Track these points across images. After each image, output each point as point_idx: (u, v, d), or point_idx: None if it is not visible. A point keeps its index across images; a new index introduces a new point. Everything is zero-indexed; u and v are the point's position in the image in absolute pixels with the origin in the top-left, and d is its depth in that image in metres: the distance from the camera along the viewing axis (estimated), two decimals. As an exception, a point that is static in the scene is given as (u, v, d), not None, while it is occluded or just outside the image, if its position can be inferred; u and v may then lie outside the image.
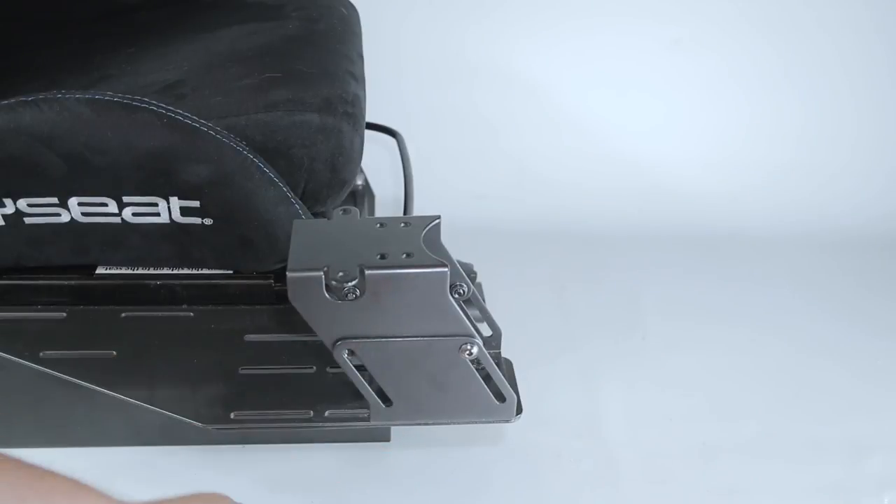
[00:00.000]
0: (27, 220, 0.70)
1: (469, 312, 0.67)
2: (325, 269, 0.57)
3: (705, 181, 1.30)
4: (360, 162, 0.80)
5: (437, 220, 0.63)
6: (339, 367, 0.62)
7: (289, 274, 0.57)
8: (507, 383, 0.67)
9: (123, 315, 0.76)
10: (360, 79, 0.87)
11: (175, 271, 0.77)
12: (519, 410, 0.68)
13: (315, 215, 0.76)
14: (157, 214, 0.70)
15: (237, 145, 0.68)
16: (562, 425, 0.87)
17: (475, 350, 0.63)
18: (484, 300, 0.75)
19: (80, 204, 0.69)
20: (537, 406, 0.75)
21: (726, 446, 0.86)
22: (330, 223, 0.64)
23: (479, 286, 0.79)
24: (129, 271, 0.77)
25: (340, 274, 0.57)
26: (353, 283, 0.57)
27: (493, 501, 0.78)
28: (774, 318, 1.07)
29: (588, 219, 1.24)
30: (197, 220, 0.71)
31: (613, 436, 0.86)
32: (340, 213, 0.64)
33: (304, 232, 0.61)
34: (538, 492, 0.79)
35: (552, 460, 0.83)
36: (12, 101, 0.63)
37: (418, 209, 0.89)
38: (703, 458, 0.84)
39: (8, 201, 0.68)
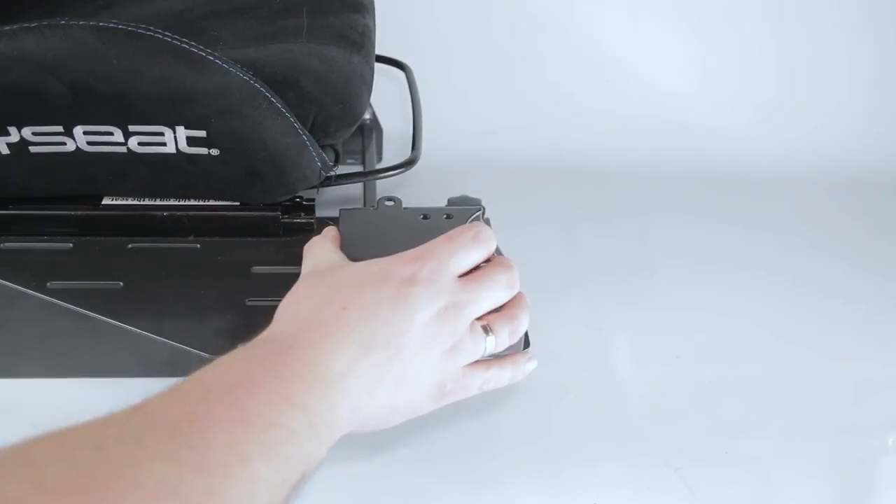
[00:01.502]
0: (32, 150, 0.70)
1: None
2: None
3: (718, 119, 1.29)
4: (370, 95, 0.79)
5: (478, 212, 0.64)
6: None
7: None
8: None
9: (130, 246, 0.76)
10: (369, 10, 0.86)
11: (182, 202, 0.77)
12: (526, 345, 0.68)
13: (323, 148, 0.75)
14: (164, 144, 0.70)
15: (244, 75, 0.67)
16: (568, 361, 0.87)
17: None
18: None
19: (85, 133, 0.69)
20: (544, 341, 0.75)
21: (733, 384, 0.86)
22: (375, 213, 0.65)
23: (487, 221, 0.79)
24: (136, 202, 0.77)
25: None
26: None
27: (498, 435, 0.79)
28: (783, 257, 1.06)
29: (599, 155, 1.23)
30: (203, 151, 0.70)
31: (620, 372, 0.86)
32: (386, 203, 0.66)
33: (352, 222, 0.63)
34: (543, 427, 0.79)
35: (557, 396, 0.83)
36: (14, 27, 0.62)
37: (427, 144, 0.88)
38: (710, 396, 0.84)
39: (13, 129, 0.68)
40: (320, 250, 0.58)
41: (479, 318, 0.56)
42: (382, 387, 0.50)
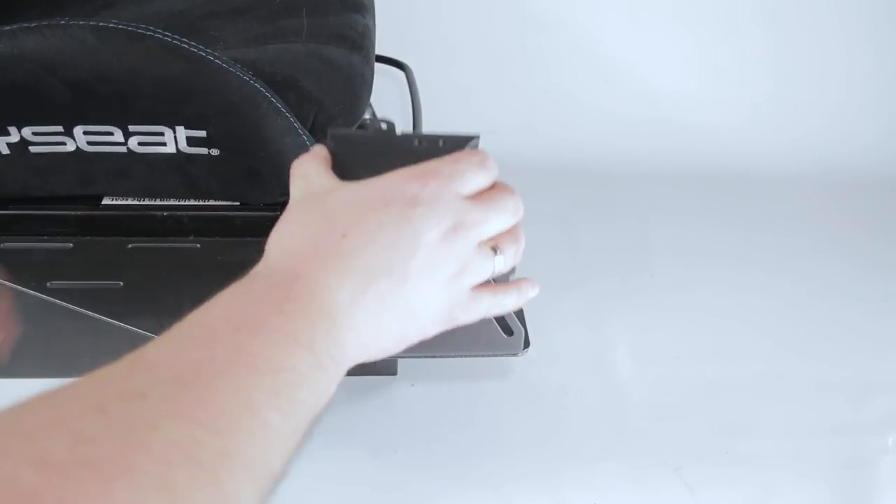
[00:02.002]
0: (32, 150, 0.70)
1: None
2: None
3: (718, 119, 1.28)
4: (370, 94, 0.79)
5: (475, 139, 0.60)
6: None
7: None
8: (514, 317, 0.67)
9: (130, 246, 0.76)
10: (369, 10, 0.86)
11: (182, 202, 0.77)
12: (526, 344, 0.68)
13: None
14: (164, 144, 0.70)
15: (244, 75, 0.67)
16: (569, 361, 0.87)
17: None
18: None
19: (85, 133, 0.69)
20: (544, 342, 0.75)
21: (733, 385, 0.86)
22: (367, 135, 0.59)
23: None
24: (136, 202, 0.77)
25: None
26: None
27: (499, 436, 0.79)
28: (783, 258, 1.06)
29: (599, 155, 1.23)
30: (203, 151, 0.70)
31: (620, 372, 0.86)
32: (379, 126, 0.60)
33: (342, 143, 0.56)
34: (544, 427, 0.80)
35: (558, 396, 0.83)
36: (14, 27, 0.62)
37: (427, 143, 0.88)
38: (710, 396, 0.84)
39: (13, 129, 0.68)
40: (311, 170, 0.53)
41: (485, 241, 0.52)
42: (389, 316, 0.47)
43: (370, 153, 0.54)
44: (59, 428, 0.32)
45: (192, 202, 0.77)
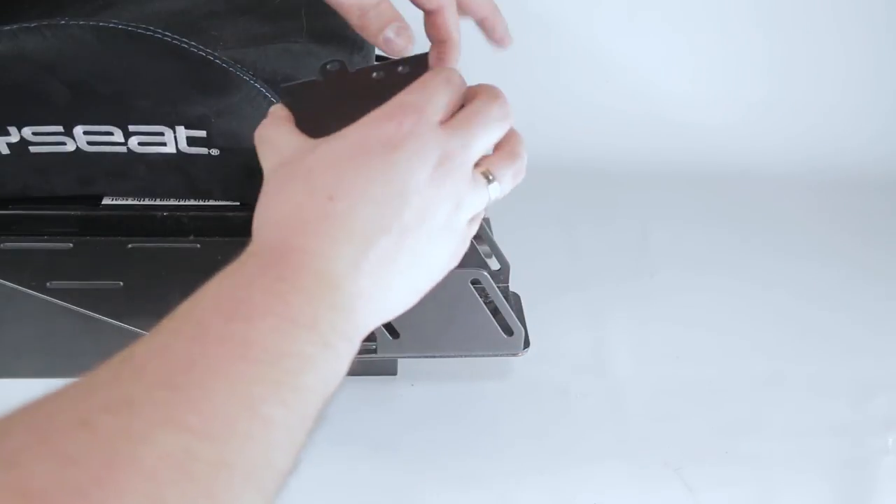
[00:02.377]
0: (32, 150, 0.70)
1: (478, 247, 0.67)
2: None
3: (719, 118, 1.28)
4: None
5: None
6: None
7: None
8: (514, 317, 0.67)
9: (130, 246, 0.76)
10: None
11: (182, 202, 0.77)
12: (526, 344, 0.68)
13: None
14: (164, 144, 0.70)
15: (244, 75, 0.67)
16: (569, 361, 0.87)
17: (483, 281, 0.63)
18: (492, 234, 0.75)
19: (85, 133, 0.69)
20: (544, 342, 0.75)
21: (733, 384, 0.86)
22: (322, 82, 0.52)
23: (487, 221, 0.79)
24: (136, 202, 0.77)
25: None
26: None
27: (499, 436, 0.79)
28: (783, 257, 1.06)
29: (599, 155, 1.23)
30: (203, 151, 0.70)
31: (620, 372, 0.86)
32: (329, 68, 0.54)
33: (298, 98, 0.52)
34: (544, 427, 0.80)
35: (558, 396, 0.83)
36: (14, 27, 0.62)
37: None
38: (710, 396, 0.84)
39: (13, 129, 0.68)
40: (276, 135, 0.49)
41: (476, 165, 0.48)
42: (397, 274, 0.44)
43: (331, 99, 0.51)
44: (44, 448, 0.30)
45: (192, 202, 0.77)
